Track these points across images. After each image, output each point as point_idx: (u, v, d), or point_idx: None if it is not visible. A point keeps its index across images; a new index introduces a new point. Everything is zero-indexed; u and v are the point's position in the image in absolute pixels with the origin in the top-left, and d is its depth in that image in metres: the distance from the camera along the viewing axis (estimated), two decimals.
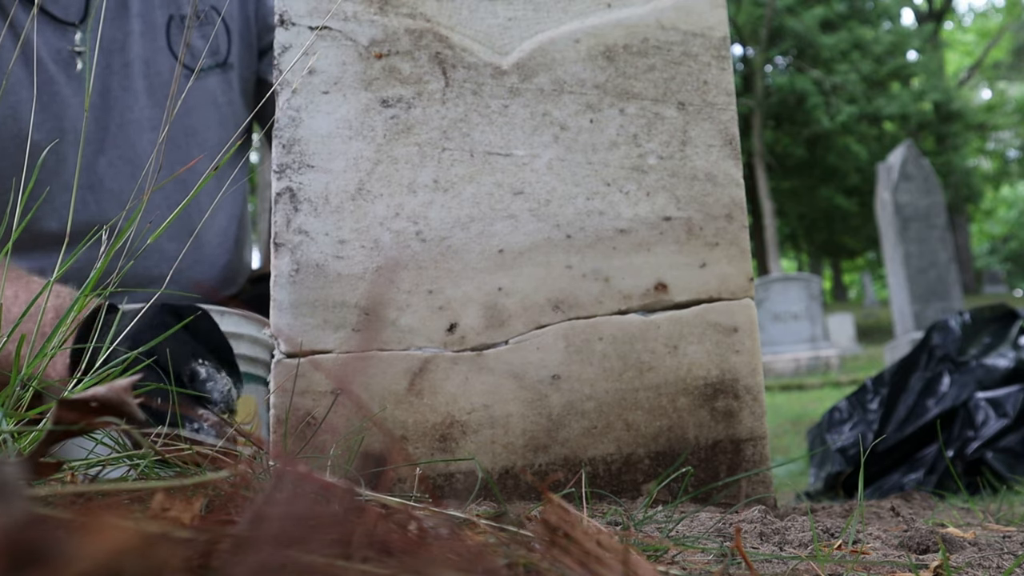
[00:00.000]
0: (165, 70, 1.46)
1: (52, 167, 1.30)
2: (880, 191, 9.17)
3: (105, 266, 0.82)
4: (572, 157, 1.03)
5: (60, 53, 1.35)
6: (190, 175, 1.44)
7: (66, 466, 0.60)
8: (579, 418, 0.99)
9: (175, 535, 0.34)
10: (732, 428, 1.01)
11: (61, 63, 1.34)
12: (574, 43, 1.05)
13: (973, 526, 0.93)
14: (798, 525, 0.76)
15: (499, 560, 0.41)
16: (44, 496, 0.41)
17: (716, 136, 1.04)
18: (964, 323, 2.46)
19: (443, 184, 1.01)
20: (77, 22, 1.35)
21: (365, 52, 1.03)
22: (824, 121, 21.42)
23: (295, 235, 0.99)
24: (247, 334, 1.20)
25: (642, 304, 1.02)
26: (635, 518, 0.77)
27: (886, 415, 2.34)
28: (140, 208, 0.84)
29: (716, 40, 1.06)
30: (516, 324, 1.00)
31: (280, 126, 1.01)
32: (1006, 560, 0.68)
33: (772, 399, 7.64)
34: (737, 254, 1.03)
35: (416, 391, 0.98)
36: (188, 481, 0.45)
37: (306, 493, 0.39)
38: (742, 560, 0.54)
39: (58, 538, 0.25)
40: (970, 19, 35.55)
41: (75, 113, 1.35)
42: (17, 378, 0.70)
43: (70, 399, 0.43)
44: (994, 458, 2.07)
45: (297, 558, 0.32)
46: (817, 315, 11.89)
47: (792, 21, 22.10)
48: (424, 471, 0.95)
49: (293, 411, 0.95)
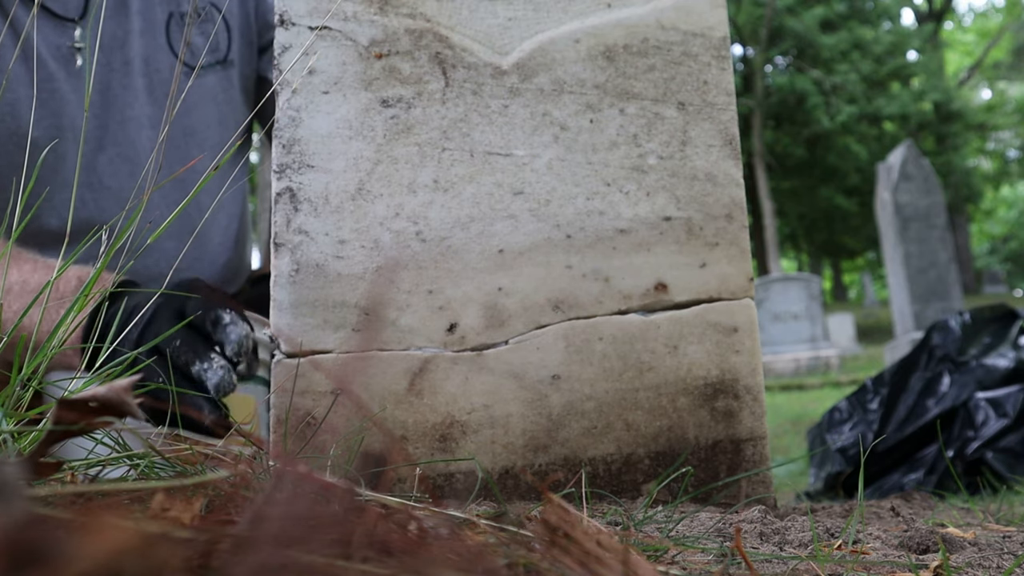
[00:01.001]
0: (164, 68, 1.45)
1: (51, 164, 1.29)
2: (880, 191, 9.17)
3: (105, 265, 0.82)
4: (572, 157, 1.03)
5: (59, 49, 1.34)
6: (190, 174, 1.44)
7: (66, 466, 0.60)
8: (579, 418, 0.99)
9: (175, 535, 0.34)
10: (732, 428, 1.01)
11: (60, 59, 1.34)
12: (574, 43, 1.05)
13: (973, 526, 0.93)
14: (798, 525, 0.76)
15: (499, 560, 0.41)
16: (44, 496, 0.41)
17: (716, 136, 1.04)
18: (964, 323, 2.46)
19: (443, 184, 1.01)
20: (77, 18, 1.34)
21: (365, 52, 1.03)
22: (824, 121, 21.42)
23: (295, 235, 0.99)
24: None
25: (642, 304, 1.02)
26: (635, 518, 0.77)
27: (886, 415, 2.34)
28: (140, 208, 0.84)
29: (716, 40, 1.06)
30: (516, 324, 1.00)
31: (280, 126, 1.01)
32: (1006, 560, 0.68)
33: (772, 399, 7.64)
34: (737, 254, 1.03)
35: (416, 391, 0.98)
36: (188, 481, 0.45)
37: (306, 493, 0.39)
38: (742, 560, 0.54)
39: (58, 538, 0.25)
40: (970, 19, 35.56)
41: (74, 110, 1.34)
42: (17, 378, 0.70)
43: (70, 399, 0.43)
44: (994, 458, 2.07)
45: (297, 558, 0.32)
46: (817, 315, 11.89)
47: (792, 21, 22.10)
48: (424, 471, 0.95)
49: (293, 411, 0.95)
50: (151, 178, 0.88)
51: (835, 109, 21.55)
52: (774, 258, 20.25)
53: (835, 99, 21.68)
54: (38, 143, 1.25)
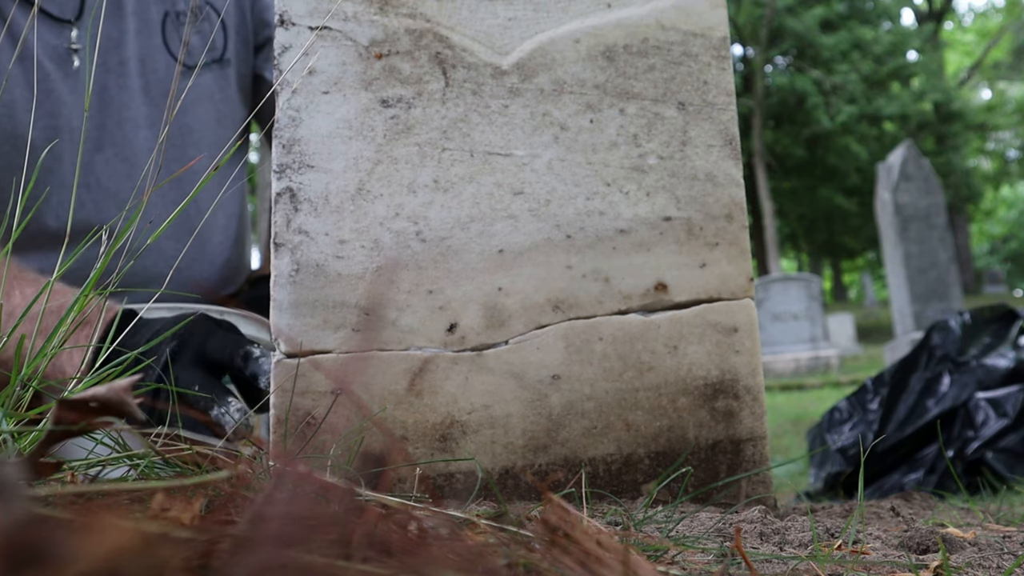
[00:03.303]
0: (161, 68, 1.45)
1: (48, 166, 1.29)
2: (880, 191, 9.17)
3: (104, 266, 0.82)
4: (572, 157, 1.03)
5: (56, 51, 1.34)
6: (188, 174, 1.44)
7: (66, 466, 0.60)
8: (579, 418, 0.99)
9: (175, 535, 0.34)
10: (732, 428, 1.01)
11: (57, 60, 1.34)
12: (574, 43, 1.05)
13: (973, 526, 0.93)
14: (798, 525, 0.76)
15: (499, 560, 0.41)
16: (44, 496, 0.41)
17: (716, 136, 1.05)
18: (964, 323, 2.46)
19: (443, 184, 1.01)
20: (73, 19, 1.35)
21: (365, 52, 1.03)
22: (824, 121, 21.42)
23: (295, 235, 0.99)
24: (246, 333, 1.20)
25: (642, 304, 1.02)
26: (635, 518, 0.77)
27: (886, 415, 2.34)
28: (140, 209, 0.84)
29: (716, 40, 1.06)
30: (516, 324, 1.00)
31: (280, 126, 1.01)
32: (1006, 560, 0.68)
33: (772, 399, 7.64)
34: (737, 254, 1.03)
35: (416, 391, 0.98)
36: (188, 481, 0.45)
37: (306, 493, 0.39)
38: (742, 560, 0.54)
39: (58, 538, 0.25)
40: (970, 19, 35.55)
41: (71, 111, 1.34)
42: (17, 378, 0.70)
43: (70, 399, 0.43)
44: (994, 458, 2.07)
45: (297, 558, 0.32)
46: (817, 315, 11.89)
47: (792, 21, 22.10)
48: (424, 471, 0.95)
49: (293, 411, 0.95)
50: (150, 178, 0.88)
51: (835, 109, 21.55)
52: (774, 258, 20.25)
53: (835, 99, 21.68)
54: (35, 144, 1.25)
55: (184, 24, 1.42)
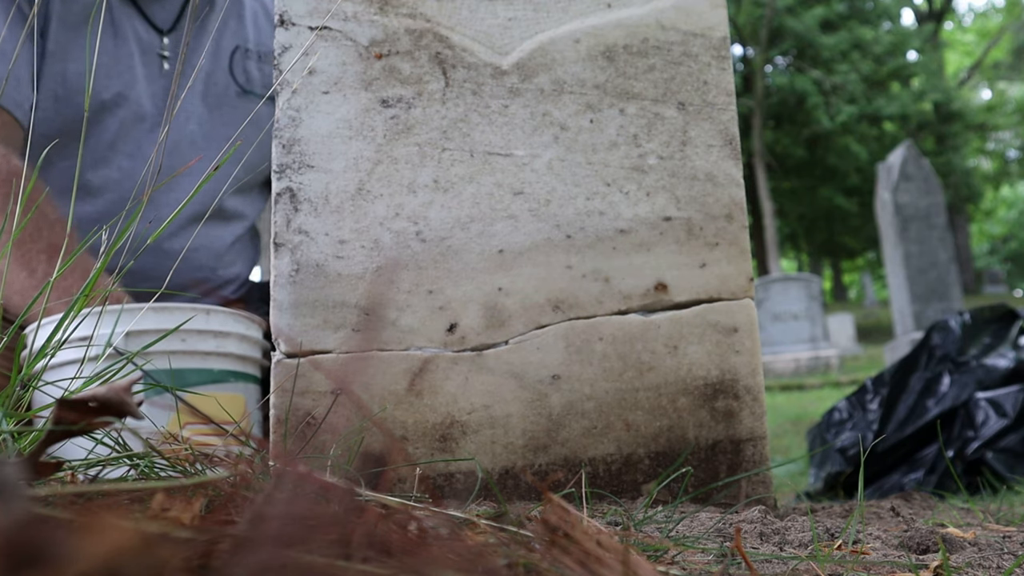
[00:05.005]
0: (221, 83, 1.65)
1: (114, 132, 1.50)
2: (880, 191, 9.17)
3: (105, 265, 0.82)
4: (572, 157, 1.03)
5: (147, 46, 1.56)
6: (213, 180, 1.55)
7: (66, 466, 0.60)
8: (579, 418, 0.99)
9: (175, 535, 0.34)
10: (732, 428, 1.01)
11: (145, 54, 1.56)
12: (574, 43, 1.05)
13: (973, 526, 0.93)
14: (798, 525, 0.76)
15: (499, 560, 0.41)
16: (44, 496, 0.41)
17: (716, 136, 1.04)
18: (964, 323, 2.46)
19: (443, 184, 1.01)
20: (166, 30, 1.59)
21: (365, 52, 1.03)
22: (824, 121, 21.41)
23: (295, 235, 0.99)
24: (235, 332, 1.20)
25: (642, 304, 1.02)
26: (635, 518, 0.77)
27: (886, 415, 2.34)
28: (140, 209, 0.84)
29: (716, 40, 1.06)
30: (516, 324, 1.00)
31: (280, 126, 1.01)
32: (1006, 560, 0.68)
33: (772, 399, 7.64)
34: (737, 254, 1.03)
35: (416, 391, 0.98)
36: (188, 481, 0.45)
37: (306, 493, 0.39)
38: (742, 560, 0.54)
39: (58, 538, 0.25)
40: (970, 19, 35.55)
41: (141, 91, 1.53)
42: (17, 378, 0.70)
43: (70, 399, 0.43)
44: (994, 458, 2.07)
45: (297, 558, 0.32)
46: (817, 315, 11.89)
47: (792, 21, 22.09)
48: (424, 471, 0.95)
49: (293, 411, 0.95)
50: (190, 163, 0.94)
51: (835, 109, 21.54)
52: (774, 258, 20.24)
53: (835, 99, 21.67)
54: (106, 105, 1.48)
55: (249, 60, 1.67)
